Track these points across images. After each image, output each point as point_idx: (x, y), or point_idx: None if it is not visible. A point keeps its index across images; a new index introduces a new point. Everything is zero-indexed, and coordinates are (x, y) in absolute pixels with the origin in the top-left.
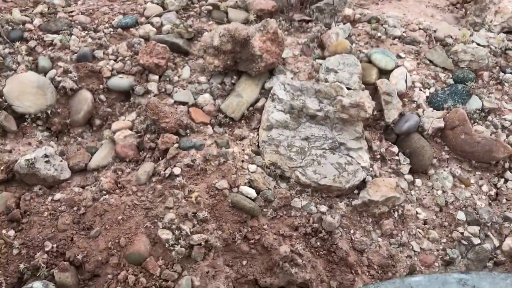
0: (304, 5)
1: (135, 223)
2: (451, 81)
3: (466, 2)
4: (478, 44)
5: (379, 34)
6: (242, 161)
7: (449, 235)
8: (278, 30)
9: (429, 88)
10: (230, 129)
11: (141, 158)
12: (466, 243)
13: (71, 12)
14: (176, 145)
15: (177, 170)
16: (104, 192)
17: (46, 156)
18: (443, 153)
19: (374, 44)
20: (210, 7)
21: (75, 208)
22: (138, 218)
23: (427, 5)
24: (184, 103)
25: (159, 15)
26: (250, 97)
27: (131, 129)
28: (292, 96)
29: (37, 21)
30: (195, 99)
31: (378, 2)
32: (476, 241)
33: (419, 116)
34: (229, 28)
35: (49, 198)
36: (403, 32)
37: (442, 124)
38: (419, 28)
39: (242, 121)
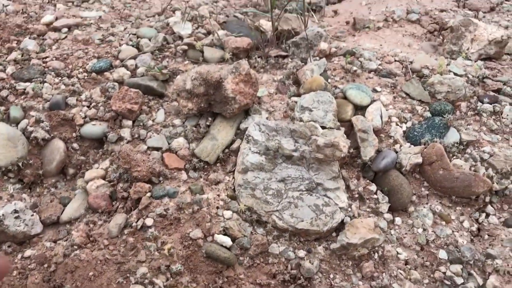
0: (280, 40)
1: (106, 279)
2: (428, 114)
3: (443, 29)
4: (455, 74)
5: (354, 68)
6: (217, 207)
7: (431, 275)
8: (251, 71)
9: (406, 123)
10: (205, 173)
11: (114, 209)
12: (449, 283)
13: (45, 58)
14: (148, 194)
15: (149, 221)
16: (75, 246)
17: (15, 211)
18: (423, 189)
19: (350, 78)
20: (185, 47)
21: (45, 265)
22: (109, 274)
23: (404, 34)
24: (157, 149)
25: (134, 57)
26: (225, 139)
27: (104, 178)
28: (268, 136)
29: (10, 69)
30: (169, 143)
31: (354, 34)
32: (459, 280)
33: (397, 152)
34: (201, 72)
35: (19, 256)
36: (379, 65)
37: (419, 160)
38: (395, 60)
39: (218, 164)
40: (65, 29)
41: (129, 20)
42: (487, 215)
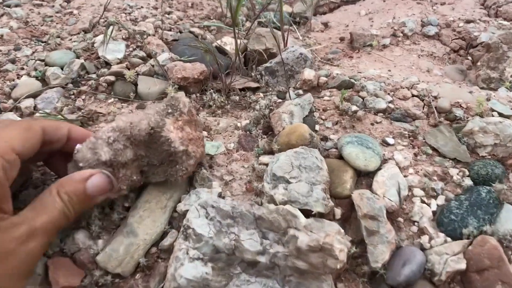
0: (250, 66)
1: None
2: (468, 181)
3: (472, 46)
4: (500, 114)
5: (354, 107)
6: None
7: None
8: (191, 105)
9: (435, 198)
10: None
11: None
12: None
13: None
14: None
15: None
16: None
17: None
18: None
19: (347, 124)
20: (111, 78)
21: None
22: None
23: (420, 54)
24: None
25: (35, 95)
26: (150, 232)
27: None
28: (219, 227)
29: None
30: (62, 242)
31: (352, 55)
32: None
33: (424, 250)
34: (121, 127)
35: None
36: (390, 102)
37: (462, 266)
38: (413, 95)
39: (137, 276)
40: None
41: (44, 40)
42: None
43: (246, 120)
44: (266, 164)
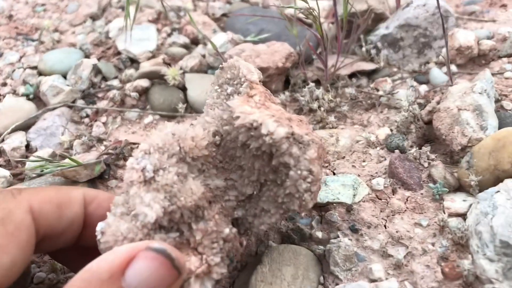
0: (352, 38)
1: None
2: None
3: None
4: None
5: None
6: None
7: None
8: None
9: None
10: None
11: None
12: None
13: None
14: None
15: None
16: None
17: None
18: None
19: None
20: (144, 83)
21: None
22: None
23: None
24: None
25: (26, 126)
26: None
27: None
28: None
29: None
30: None
31: (503, 2)
32: None
33: None
34: (158, 143)
35: None
36: None
37: None
38: None
39: None
40: None
41: (35, 37)
42: None
43: (383, 127)
44: (462, 215)
